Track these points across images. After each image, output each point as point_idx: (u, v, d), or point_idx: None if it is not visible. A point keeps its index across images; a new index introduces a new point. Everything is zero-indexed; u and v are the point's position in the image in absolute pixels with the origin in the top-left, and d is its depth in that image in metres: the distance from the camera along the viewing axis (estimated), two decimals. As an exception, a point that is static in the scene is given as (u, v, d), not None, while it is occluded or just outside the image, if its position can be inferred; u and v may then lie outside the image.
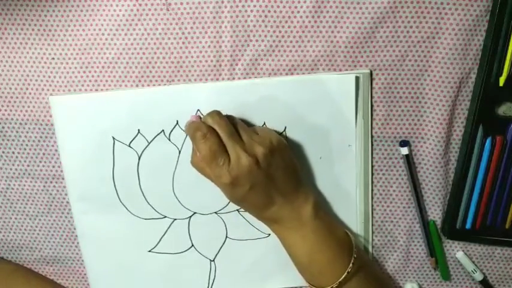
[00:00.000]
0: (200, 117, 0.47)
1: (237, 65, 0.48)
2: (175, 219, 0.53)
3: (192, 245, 0.54)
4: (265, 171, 0.44)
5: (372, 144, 0.51)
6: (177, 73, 0.49)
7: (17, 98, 0.50)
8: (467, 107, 0.49)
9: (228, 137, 0.44)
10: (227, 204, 0.52)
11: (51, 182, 0.53)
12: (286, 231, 0.48)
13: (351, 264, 0.46)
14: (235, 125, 0.46)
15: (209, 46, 0.48)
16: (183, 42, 0.48)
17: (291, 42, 0.48)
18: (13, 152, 0.52)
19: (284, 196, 0.46)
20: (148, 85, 0.49)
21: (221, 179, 0.44)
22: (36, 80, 0.49)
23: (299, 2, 0.46)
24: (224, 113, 0.48)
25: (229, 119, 0.46)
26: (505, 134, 0.47)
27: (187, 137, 0.49)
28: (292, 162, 0.47)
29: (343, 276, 0.46)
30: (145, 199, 0.52)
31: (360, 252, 0.49)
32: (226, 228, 0.53)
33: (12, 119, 0.51)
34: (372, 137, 0.50)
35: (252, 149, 0.44)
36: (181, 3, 0.46)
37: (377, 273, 0.54)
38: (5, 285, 0.54)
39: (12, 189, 0.53)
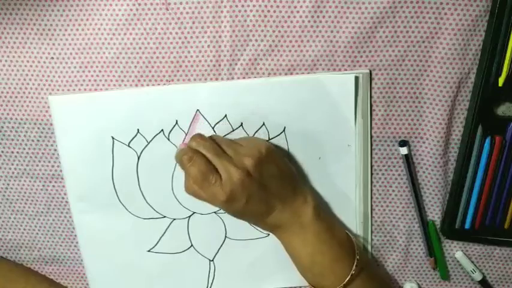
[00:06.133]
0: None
1: (236, 64, 0.48)
2: (174, 219, 0.53)
3: (191, 245, 0.54)
4: (259, 181, 0.44)
5: (371, 144, 0.51)
6: (177, 73, 0.49)
7: (16, 97, 0.50)
8: (466, 107, 0.49)
9: (214, 156, 0.44)
10: (226, 204, 0.52)
11: (50, 182, 0.53)
12: (288, 235, 0.48)
13: (354, 266, 0.46)
14: (219, 143, 0.46)
15: (208, 46, 0.48)
16: (183, 42, 0.48)
17: (290, 42, 0.48)
18: (12, 152, 0.52)
19: (282, 201, 0.46)
20: (147, 85, 0.49)
21: (216, 197, 0.44)
22: (36, 80, 0.49)
23: (298, 2, 0.46)
24: (224, 113, 0.49)
25: (212, 138, 0.47)
26: (504, 134, 0.47)
27: (186, 137, 0.49)
28: (285, 166, 0.47)
29: (348, 278, 0.46)
30: (145, 199, 0.52)
31: (362, 253, 0.49)
32: (225, 228, 0.53)
33: (11, 118, 0.51)
34: (371, 137, 0.51)
35: (241, 162, 0.44)
36: (181, 3, 0.46)
37: (378, 274, 0.54)
38: (4, 283, 0.54)
39: (11, 188, 0.53)
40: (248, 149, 0.45)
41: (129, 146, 0.50)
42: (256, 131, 0.50)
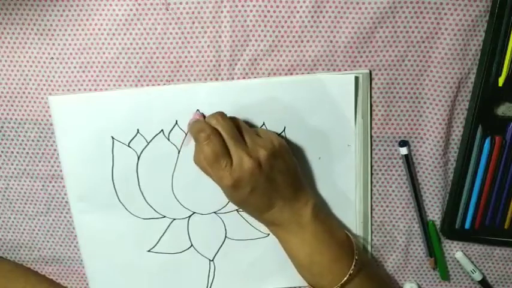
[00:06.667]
0: (204, 116, 0.47)
1: (236, 64, 0.48)
2: (174, 219, 0.53)
3: (191, 245, 0.54)
4: (267, 175, 0.44)
5: (371, 144, 0.51)
6: (176, 73, 0.49)
7: (16, 97, 0.50)
8: (466, 107, 0.49)
9: (231, 139, 0.44)
10: (226, 204, 0.52)
11: (50, 182, 0.53)
12: (286, 234, 0.48)
13: (352, 266, 0.46)
14: (238, 127, 0.46)
15: (208, 46, 0.48)
16: (182, 42, 0.48)
17: (290, 42, 0.48)
18: (12, 152, 0.52)
19: (284, 199, 0.46)
20: (147, 85, 0.49)
21: (223, 181, 0.44)
22: (36, 80, 0.49)
23: (298, 2, 0.46)
24: (224, 113, 0.48)
25: (232, 120, 0.46)
26: (504, 134, 0.47)
27: (186, 136, 0.49)
28: (293, 165, 0.47)
29: (345, 278, 0.46)
30: (145, 199, 0.52)
31: (361, 253, 0.49)
32: (225, 228, 0.53)
33: (11, 118, 0.51)
34: (371, 137, 0.51)
35: (255, 152, 0.44)
36: (181, 3, 0.46)
37: (378, 274, 0.54)
38: (4, 284, 0.54)
39: (11, 188, 0.53)
40: (264, 140, 0.45)
41: (129, 146, 0.50)
42: (256, 131, 0.50)
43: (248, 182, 0.44)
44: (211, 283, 0.55)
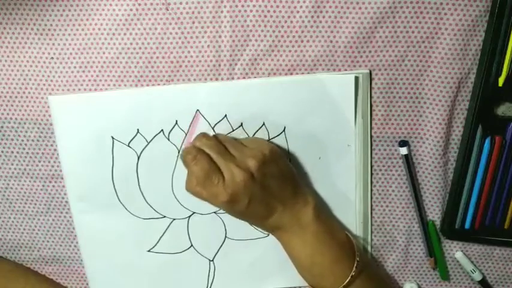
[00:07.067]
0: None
1: (236, 64, 0.48)
2: (174, 219, 0.53)
3: (191, 245, 0.54)
4: (261, 183, 0.44)
5: (371, 144, 0.51)
6: (176, 73, 0.49)
7: (16, 97, 0.50)
8: (466, 107, 0.49)
9: (219, 156, 0.44)
10: (226, 204, 0.52)
11: (50, 182, 0.53)
12: (288, 236, 0.48)
13: (354, 268, 0.46)
14: (224, 143, 0.46)
15: (208, 46, 0.48)
16: (182, 42, 0.48)
17: (290, 42, 0.48)
18: (12, 152, 0.52)
19: (283, 203, 0.46)
20: (147, 85, 0.49)
21: (218, 197, 0.44)
22: (35, 80, 0.49)
23: (298, 2, 0.46)
24: (224, 113, 0.49)
25: (216, 137, 0.47)
26: (504, 134, 0.47)
27: (187, 136, 0.49)
28: (287, 168, 0.47)
29: (348, 279, 0.46)
30: (145, 199, 0.52)
31: (362, 254, 0.49)
32: (225, 228, 0.53)
33: (11, 118, 0.51)
34: (371, 137, 0.51)
35: (245, 163, 0.44)
36: (181, 3, 0.46)
37: (378, 274, 0.54)
38: (4, 284, 0.54)
39: (11, 188, 0.53)
40: (252, 150, 0.45)
41: (129, 146, 0.50)
42: (256, 131, 0.50)
43: (244, 194, 0.44)
44: (211, 283, 0.55)
